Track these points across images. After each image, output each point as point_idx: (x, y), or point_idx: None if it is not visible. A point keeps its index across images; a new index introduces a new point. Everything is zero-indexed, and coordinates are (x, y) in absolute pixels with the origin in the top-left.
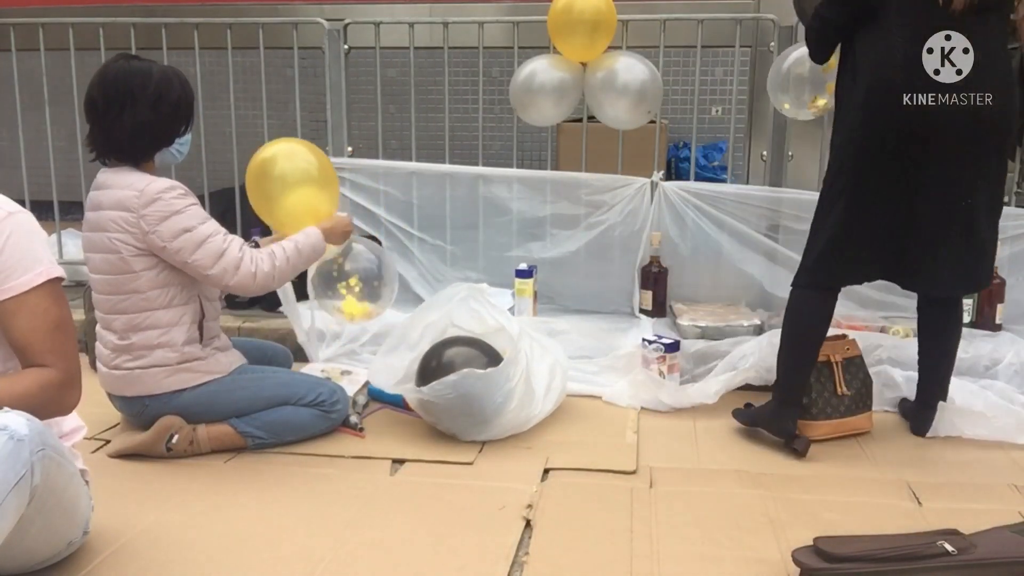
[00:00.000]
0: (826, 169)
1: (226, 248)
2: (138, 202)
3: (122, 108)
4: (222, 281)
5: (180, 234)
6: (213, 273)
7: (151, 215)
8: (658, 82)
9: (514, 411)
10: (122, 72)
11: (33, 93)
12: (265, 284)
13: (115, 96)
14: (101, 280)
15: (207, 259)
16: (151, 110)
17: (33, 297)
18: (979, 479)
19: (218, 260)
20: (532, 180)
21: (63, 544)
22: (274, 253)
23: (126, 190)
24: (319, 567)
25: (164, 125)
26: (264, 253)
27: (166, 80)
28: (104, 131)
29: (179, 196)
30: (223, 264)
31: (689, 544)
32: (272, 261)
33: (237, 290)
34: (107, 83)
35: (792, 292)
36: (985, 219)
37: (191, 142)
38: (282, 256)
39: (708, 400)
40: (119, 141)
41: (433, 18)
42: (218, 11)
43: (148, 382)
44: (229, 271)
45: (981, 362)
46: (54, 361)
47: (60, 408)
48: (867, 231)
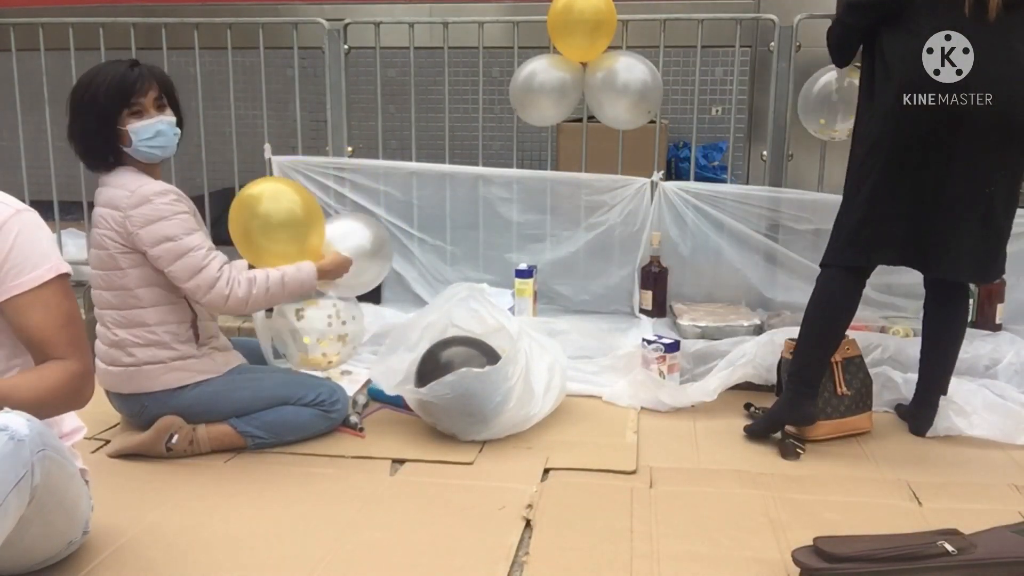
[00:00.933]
0: (851, 151)
1: (204, 266)
2: (127, 202)
3: (72, 113)
4: (194, 297)
5: (162, 241)
6: (187, 287)
7: (136, 217)
8: (658, 82)
9: (513, 410)
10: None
11: (33, 93)
12: (236, 309)
13: (71, 101)
14: (96, 275)
15: (183, 273)
16: (72, 120)
17: (45, 292)
18: (979, 479)
19: (194, 276)
20: (532, 180)
21: (63, 544)
22: (255, 280)
23: (119, 189)
24: (319, 567)
25: (87, 131)
26: (245, 277)
27: (82, 84)
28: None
29: (170, 202)
30: (197, 281)
31: (689, 544)
32: (250, 288)
33: (209, 308)
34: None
35: (821, 274)
36: (1002, 209)
37: (194, 143)
38: (263, 285)
39: (708, 398)
40: (74, 144)
41: (433, 18)
42: (218, 11)
43: (142, 380)
44: (202, 288)
45: (981, 362)
46: (72, 353)
47: (80, 399)
48: (893, 211)
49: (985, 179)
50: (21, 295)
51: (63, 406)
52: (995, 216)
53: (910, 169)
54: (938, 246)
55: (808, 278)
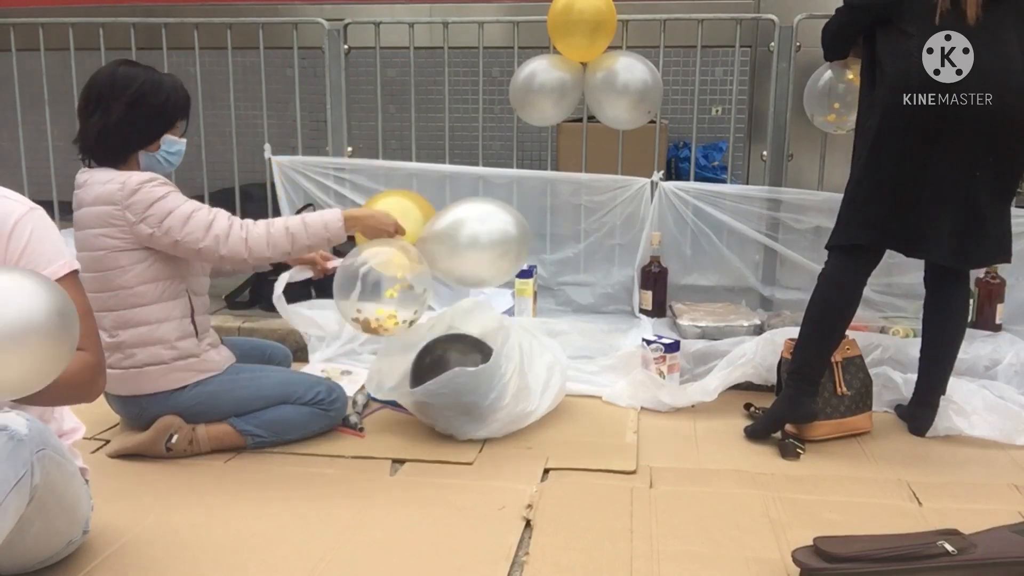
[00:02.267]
0: (853, 145)
1: (212, 219)
2: (121, 194)
3: (95, 108)
4: (216, 251)
5: (166, 216)
6: (206, 245)
7: (136, 204)
8: (658, 82)
9: (509, 407)
10: (107, 75)
11: (33, 93)
12: (258, 250)
13: (91, 96)
14: (88, 278)
15: (198, 231)
16: (126, 110)
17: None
18: (979, 479)
19: (208, 230)
20: (532, 180)
21: (63, 543)
22: (272, 221)
23: (108, 184)
24: (319, 567)
25: (138, 127)
26: (261, 221)
27: (154, 84)
28: (80, 130)
29: (158, 185)
30: (214, 232)
31: (689, 544)
32: (268, 228)
33: (231, 261)
34: (90, 84)
35: (826, 263)
36: (988, 195)
37: (194, 143)
38: (280, 224)
39: (708, 397)
40: (88, 140)
41: (433, 18)
42: (218, 11)
43: (144, 381)
44: (221, 238)
45: (981, 362)
46: (88, 345)
47: (92, 391)
48: (883, 194)
49: (972, 164)
50: None
51: (75, 395)
52: (979, 200)
53: (907, 160)
54: (922, 228)
55: (808, 278)
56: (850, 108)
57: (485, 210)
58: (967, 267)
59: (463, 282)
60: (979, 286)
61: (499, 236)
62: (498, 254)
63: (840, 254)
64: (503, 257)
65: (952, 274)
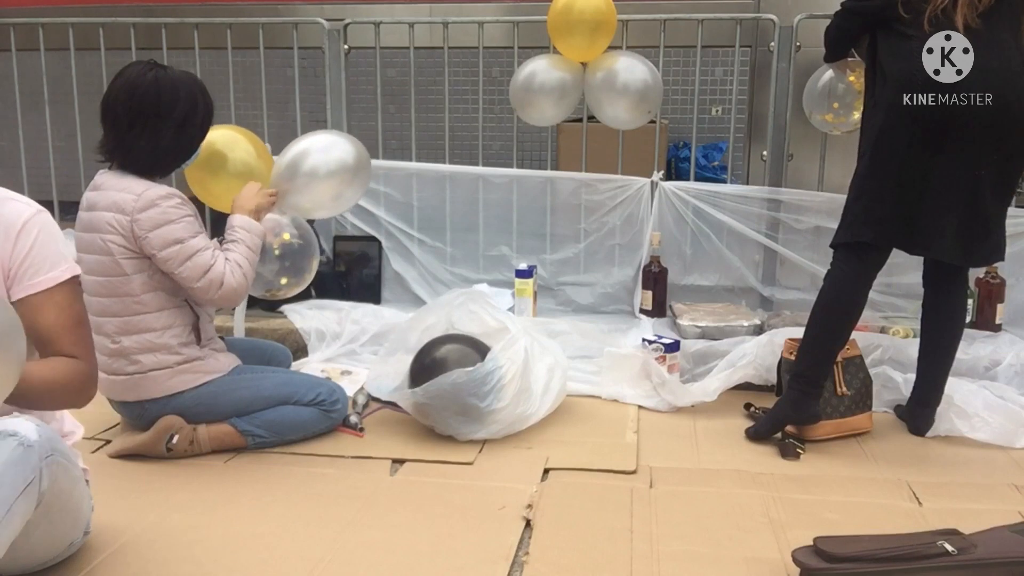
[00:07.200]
0: (859, 145)
1: (212, 264)
2: (134, 206)
3: (145, 127)
4: (207, 295)
5: (170, 244)
6: (199, 287)
7: (144, 220)
8: (658, 82)
9: (508, 409)
10: (151, 89)
11: (33, 93)
12: (242, 292)
13: (140, 114)
14: (93, 282)
15: (193, 273)
16: (177, 131)
17: (59, 293)
18: (979, 479)
19: (204, 274)
20: (532, 180)
21: (64, 545)
22: (236, 261)
23: (124, 193)
24: (319, 567)
25: (184, 148)
26: (230, 266)
27: (191, 100)
28: (124, 146)
29: (176, 206)
30: (209, 278)
31: (689, 544)
32: (239, 269)
33: (221, 303)
34: (135, 98)
35: (832, 264)
36: (991, 193)
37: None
38: (240, 258)
39: (708, 398)
40: (139, 160)
41: (433, 18)
42: (218, 11)
43: (149, 386)
44: (214, 285)
45: (981, 363)
46: (80, 353)
47: (83, 397)
48: (886, 192)
49: (976, 163)
50: (37, 294)
51: (67, 400)
52: (983, 199)
53: (910, 160)
54: (926, 226)
55: (808, 278)
56: (849, 109)
57: (325, 141)
58: (972, 265)
59: (307, 213)
60: (979, 286)
61: (336, 166)
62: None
63: (846, 253)
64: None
65: (951, 274)
